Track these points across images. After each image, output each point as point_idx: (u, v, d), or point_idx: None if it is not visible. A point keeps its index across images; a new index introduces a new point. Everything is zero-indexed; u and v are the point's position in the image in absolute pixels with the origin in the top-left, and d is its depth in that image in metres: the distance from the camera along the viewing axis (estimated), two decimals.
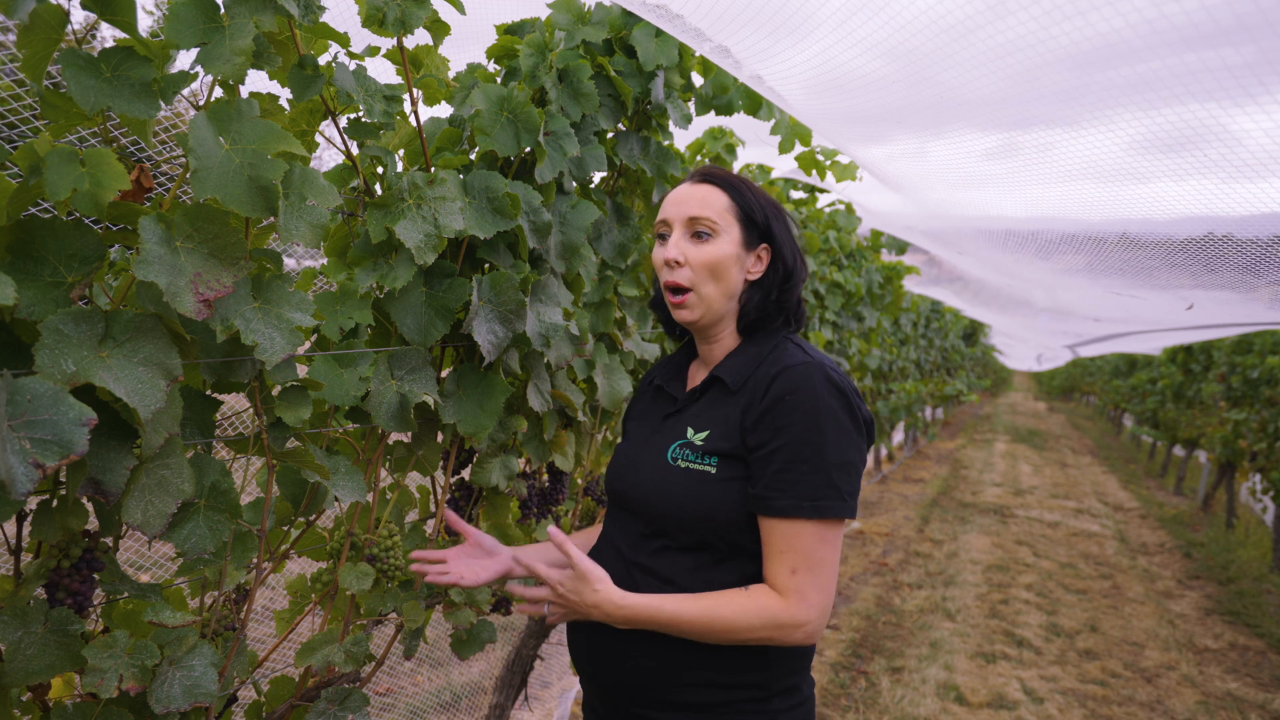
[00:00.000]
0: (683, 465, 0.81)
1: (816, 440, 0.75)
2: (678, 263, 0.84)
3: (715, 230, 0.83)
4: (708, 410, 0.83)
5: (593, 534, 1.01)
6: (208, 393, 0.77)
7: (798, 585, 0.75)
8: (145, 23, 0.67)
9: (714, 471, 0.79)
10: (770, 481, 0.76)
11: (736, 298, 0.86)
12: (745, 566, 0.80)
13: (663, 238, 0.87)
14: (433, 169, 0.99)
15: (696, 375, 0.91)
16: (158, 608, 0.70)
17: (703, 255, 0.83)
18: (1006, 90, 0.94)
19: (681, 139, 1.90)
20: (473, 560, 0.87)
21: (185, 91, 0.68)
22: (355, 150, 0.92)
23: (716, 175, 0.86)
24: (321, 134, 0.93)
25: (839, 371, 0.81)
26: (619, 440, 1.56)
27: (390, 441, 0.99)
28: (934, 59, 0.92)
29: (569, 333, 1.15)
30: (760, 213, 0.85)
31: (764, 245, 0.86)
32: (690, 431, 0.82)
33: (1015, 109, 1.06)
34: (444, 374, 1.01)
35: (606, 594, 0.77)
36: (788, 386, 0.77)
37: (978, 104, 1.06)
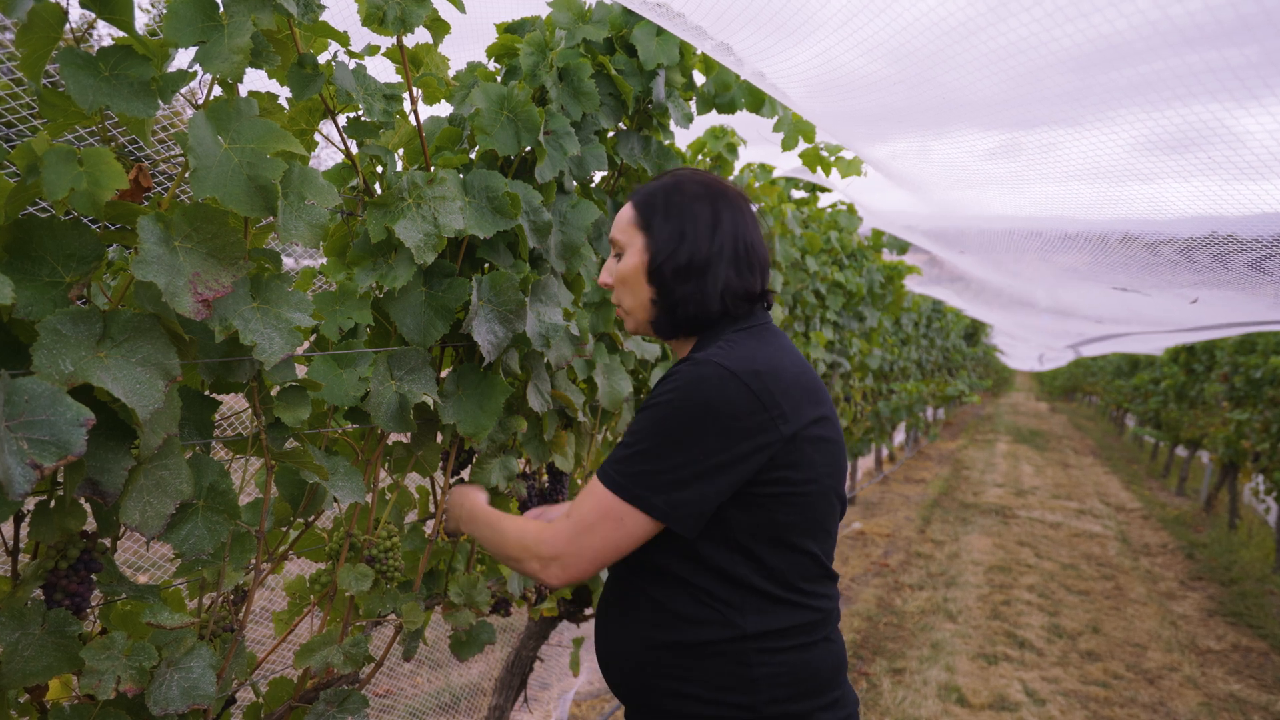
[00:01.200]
0: None
1: (647, 425, 0.75)
2: (608, 284, 0.88)
3: (622, 247, 0.86)
4: None
5: None
6: (206, 393, 0.77)
7: (562, 526, 0.78)
8: (141, 20, 0.67)
9: None
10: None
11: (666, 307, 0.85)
12: (704, 578, 0.77)
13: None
14: (432, 168, 0.99)
15: None
16: (156, 609, 0.70)
17: (615, 272, 0.86)
18: (1009, 92, 0.93)
19: (683, 138, 1.89)
20: None
21: (183, 90, 0.68)
22: (355, 149, 0.92)
23: (635, 193, 0.88)
24: (320, 133, 0.93)
25: (750, 375, 0.73)
26: (618, 441, 1.54)
27: (389, 442, 0.99)
28: (936, 60, 0.91)
29: (569, 333, 1.14)
30: (657, 218, 0.83)
31: None
32: None
33: (1018, 110, 1.05)
34: (444, 374, 1.00)
35: (468, 495, 0.92)
36: (664, 377, 0.78)
37: (980, 105, 1.06)
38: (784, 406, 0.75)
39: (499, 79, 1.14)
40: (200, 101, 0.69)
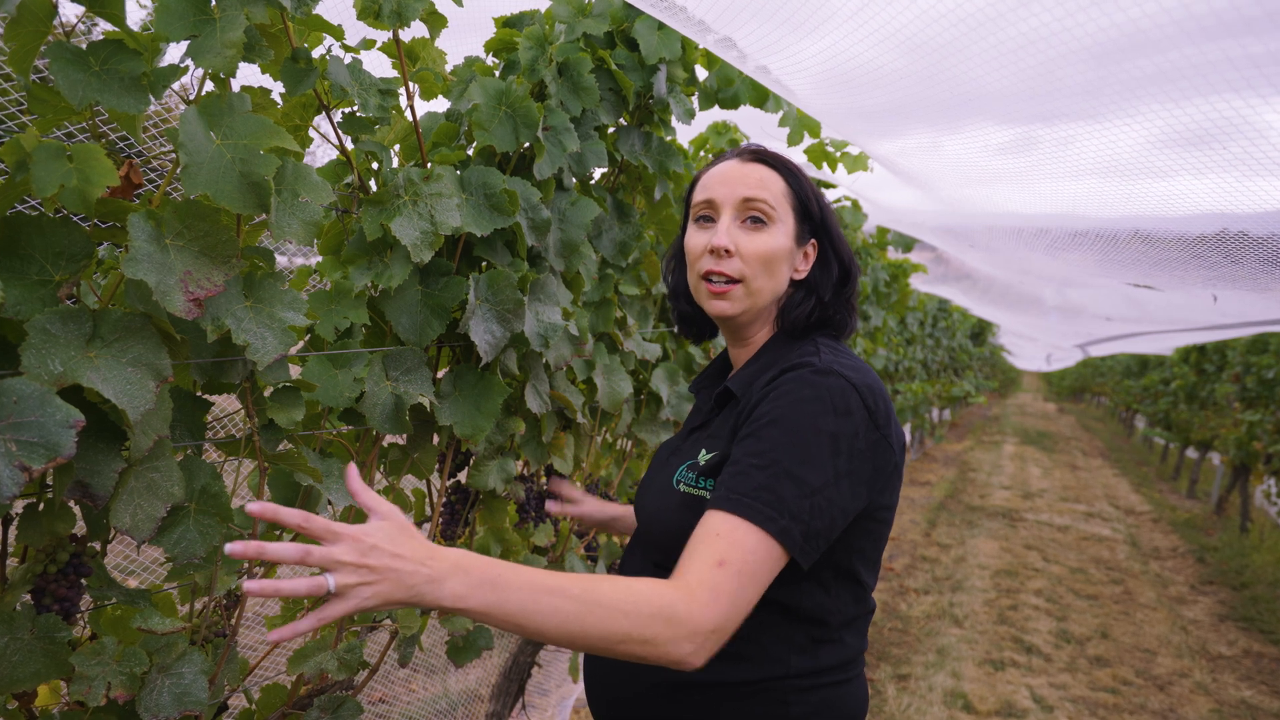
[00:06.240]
0: (683, 489, 0.72)
1: (777, 441, 0.62)
2: (727, 251, 0.72)
3: (772, 218, 0.73)
4: (718, 427, 0.74)
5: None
6: (198, 394, 0.75)
7: (715, 581, 0.56)
8: (132, 14, 0.66)
9: (709, 495, 0.69)
10: (725, 474, 0.65)
11: (779, 299, 0.77)
12: (754, 610, 0.66)
13: (705, 219, 0.76)
14: (429, 165, 0.97)
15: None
16: (147, 614, 0.69)
17: (757, 245, 0.72)
18: (1025, 84, 0.91)
19: (684, 134, 1.87)
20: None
21: (175, 85, 0.67)
22: (350, 145, 0.91)
23: (771, 157, 0.76)
24: (315, 129, 0.91)
25: (866, 390, 0.66)
26: (618, 443, 1.53)
27: (385, 444, 0.97)
28: (950, 52, 0.89)
29: (568, 333, 1.13)
30: (815, 204, 0.76)
31: (812, 241, 0.77)
32: (703, 453, 0.73)
33: (1034, 103, 1.03)
34: (440, 374, 0.99)
35: (434, 549, 0.54)
36: (783, 381, 0.67)
37: (995, 98, 1.03)
38: (892, 428, 0.68)
39: (497, 74, 1.13)
40: (192, 97, 0.68)
